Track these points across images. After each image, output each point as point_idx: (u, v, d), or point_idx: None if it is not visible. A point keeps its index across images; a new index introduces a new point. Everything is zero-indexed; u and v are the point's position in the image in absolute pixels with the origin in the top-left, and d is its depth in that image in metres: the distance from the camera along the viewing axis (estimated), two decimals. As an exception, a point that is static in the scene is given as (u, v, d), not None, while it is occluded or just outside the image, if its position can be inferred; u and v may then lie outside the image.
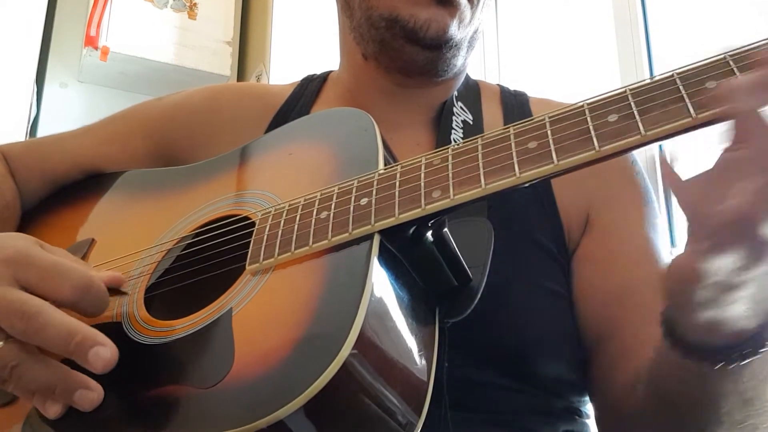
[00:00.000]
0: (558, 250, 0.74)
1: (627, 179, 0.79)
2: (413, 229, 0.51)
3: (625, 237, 0.75)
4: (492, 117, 0.82)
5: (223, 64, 2.79)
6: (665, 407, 0.58)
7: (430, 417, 0.48)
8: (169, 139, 0.85)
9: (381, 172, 0.54)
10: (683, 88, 0.42)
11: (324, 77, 0.90)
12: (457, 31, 0.75)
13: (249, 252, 0.54)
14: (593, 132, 0.44)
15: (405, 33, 0.74)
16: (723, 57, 0.42)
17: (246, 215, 0.60)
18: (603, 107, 0.45)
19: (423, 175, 0.50)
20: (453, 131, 0.78)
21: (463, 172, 0.49)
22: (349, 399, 0.44)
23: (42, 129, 2.62)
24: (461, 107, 0.81)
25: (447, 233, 0.53)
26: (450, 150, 0.51)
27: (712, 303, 0.44)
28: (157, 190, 0.74)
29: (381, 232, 0.49)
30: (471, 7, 0.76)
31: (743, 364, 0.47)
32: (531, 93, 0.87)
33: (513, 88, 0.89)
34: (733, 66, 0.41)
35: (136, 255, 0.64)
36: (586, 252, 0.75)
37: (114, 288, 0.56)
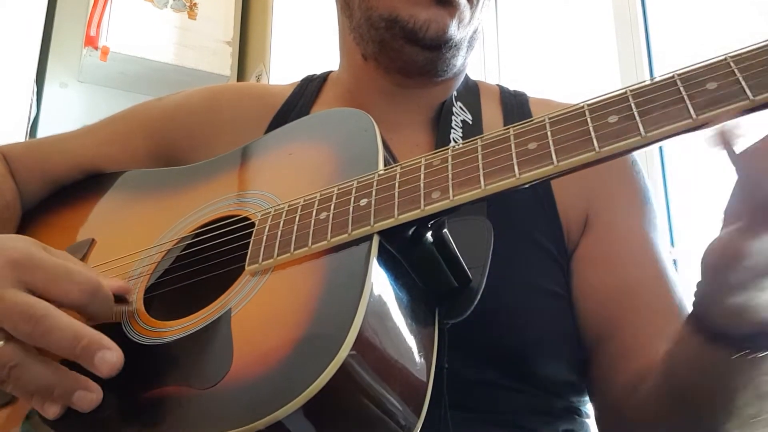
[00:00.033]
0: (557, 250, 0.74)
1: (626, 179, 0.79)
2: (413, 230, 0.51)
3: (625, 236, 0.75)
4: (491, 117, 0.82)
5: (223, 64, 2.80)
6: (678, 401, 0.57)
7: (429, 417, 0.48)
8: (169, 140, 0.85)
9: (381, 172, 0.54)
10: (684, 89, 0.42)
11: (324, 77, 0.90)
12: (457, 31, 0.75)
13: (248, 252, 0.54)
14: (593, 133, 0.44)
15: (404, 33, 0.74)
16: (724, 58, 0.42)
17: (245, 216, 0.60)
18: (603, 108, 0.45)
19: (422, 176, 0.50)
20: (452, 131, 0.78)
21: (463, 173, 0.49)
22: (348, 399, 0.43)
23: (42, 129, 2.62)
24: (461, 107, 0.81)
25: (447, 234, 0.53)
26: (450, 151, 0.51)
27: (747, 287, 0.43)
28: (157, 190, 0.74)
29: (380, 232, 0.49)
30: (470, 7, 0.76)
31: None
32: (531, 93, 0.87)
33: (513, 88, 0.89)
34: (734, 68, 0.41)
35: (135, 255, 0.64)
36: (585, 252, 0.75)
37: (120, 296, 0.56)
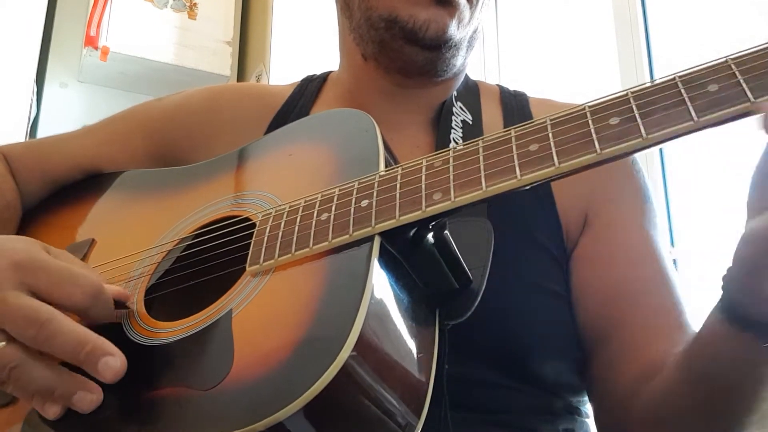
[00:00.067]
0: (557, 250, 0.74)
1: (627, 177, 0.79)
2: (414, 231, 0.51)
3: (626, 235, 0.75)
4: (491, 117, 0.82)
5: (223, 64, 2.79)
6: (701, 395, 0.56)
7: (430, 417, 0.48)
8: (169, 140, 0.85)
9: (382, 173, 0.53)
10: (685, 91, 0.42)
11: (324, 78, 0.90)
12: (457, 31, 0.75)
13: (249, 253, 0.54)
14: (594, 135, 0.44)
15: (404, 33, 0.74)
16: (725, 60, 0.42)
17: (246, 216, 0.60)
18: (604, 110, 0.45)
19: (424, 177, 0.50)
20: (453, 131, 0.78)
21: (464, 174, 0.49)
22: (349, 400, 0.43)
23: (42, 129, 2.62)
24: (461, 107, 0.81)
25: (447, 235, 0.53)
26: (451, 152, 0.51)
27: None
28: (157, 190, 0.74)
29: (381, 234, 0.49)
30: (470, 7, 0.76)
31: None
32: (531, 93, 0.87)
33: (513, 88, 0.89)
34: (735, 69, 0.41)
35: (136, 255, 0.64)
36: (584, 251, 0.75)
37: (121, 303, 0.56)
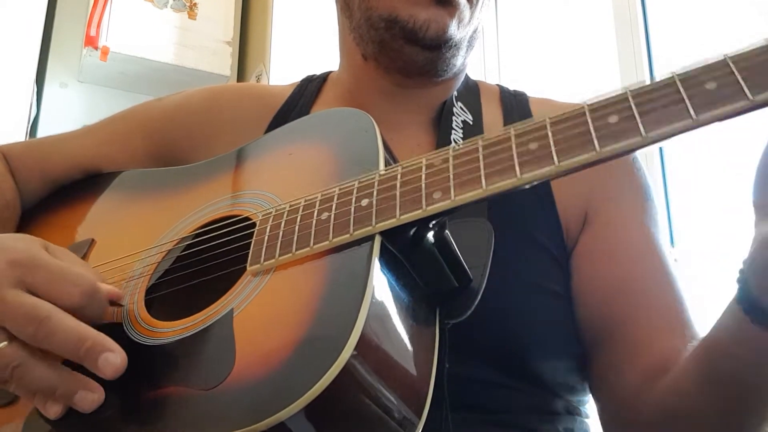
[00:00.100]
0: (557, 249, 0.74)
1: (628, 175, 0.79)
2: (414, 231, 0.51)
3: (626, 232, 0.75)
4: (492, 117, 0.82)
5: (223, 64, 2.79)
6: (716, 394, 0.56)
7: (430, 418, 0.48)
8: (169, 140, 0.85)
9: (382, 173, 0.53)
10: (684, 89, 0.42)
11: (324, 78, 0.90)
12: (457, 31, 0.75)
13: (250, 253, 0.54)
14: (594, 133, 0.44)
15: (404, 33, 0.74)
16: (723, 59, 0.42)
17: (246, 216, 0.60)
18: (604, 108, 0.45)
19: (424, 176, 0.50)
20: (453, 131, 0.78)
21: (464, 173, 0.49)
22: (350, 400, 0.43)
23: (42, 129, 2.62)
24: (461, 107, 0.81)
25: (448, 234, 0.53)
26: (451, 151, 0.51)
27: None
28: (157, 190, 0.74)
29: (382, 233, 0.49)
30: (470, 7, 0.76)
31: None
32: (531, 93, 0.87)
33: (513, 88, 0.89)
34: (733, 67, 0.41)
35: (136, 255, 0.64)
36: (585, 249, 0.75)
37: (114, 302, 0.56)
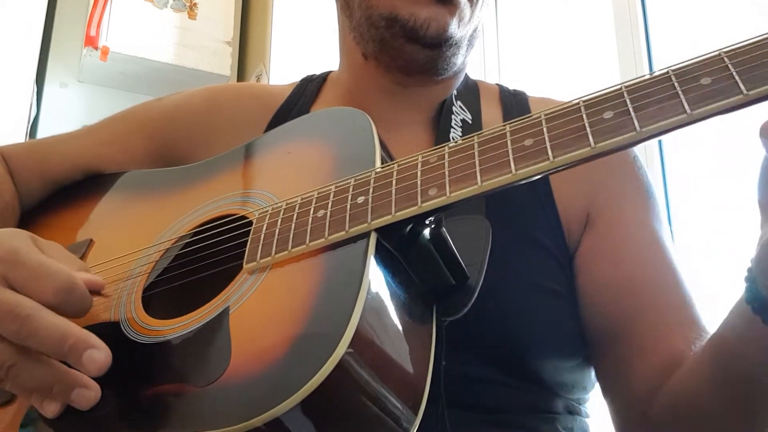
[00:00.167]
0: (557, 248, 0.74)
1: (629, 174, 0.79)
2: (410, 227, 0.51)
3: (630, 231, 0.75)
4: (491, 116, 0.82)
5: (223, 64, 2.80)
6: (729, 394, 0.56)
7: (427, 415, 0.48)
8: (169, 140, 0.85)
9: (378, 170, 0.54)
10: (678, 84, 0.42)
11: (323, 77, 0.90)
12: (457, 30, 0.75)
13: (246, 251, 0.54)
14: (589, 129, 0.44)
15: (405, 32, 0.74)
16: (718, 54, 0.42)
17: (243, 214, 0.60)
18: (598, 104, 0.45)
19: (419, 173, 0.50)
20: (452, 130, 0.78)
21: (460, 169, 0.49)
22: (346, 397, 0.44)
23: (42, 129, 2.62)
24: (461, 106, 0.81)
25: (444, 231, 0.53)
26: (446, 148, 0.51)
27: None
28: (156, 190, 0.75)
29: (378, 230, 0.49)
30: (470, 6, 0.76)
31: None
32: (531, 92, 0.87)
33: (512, 87, 0.89)
34: (728, 62, 0.41)
35: (134, 254, 0.64)
36: (589, 249, 0.74)
37: (95, 291, 0.54)
